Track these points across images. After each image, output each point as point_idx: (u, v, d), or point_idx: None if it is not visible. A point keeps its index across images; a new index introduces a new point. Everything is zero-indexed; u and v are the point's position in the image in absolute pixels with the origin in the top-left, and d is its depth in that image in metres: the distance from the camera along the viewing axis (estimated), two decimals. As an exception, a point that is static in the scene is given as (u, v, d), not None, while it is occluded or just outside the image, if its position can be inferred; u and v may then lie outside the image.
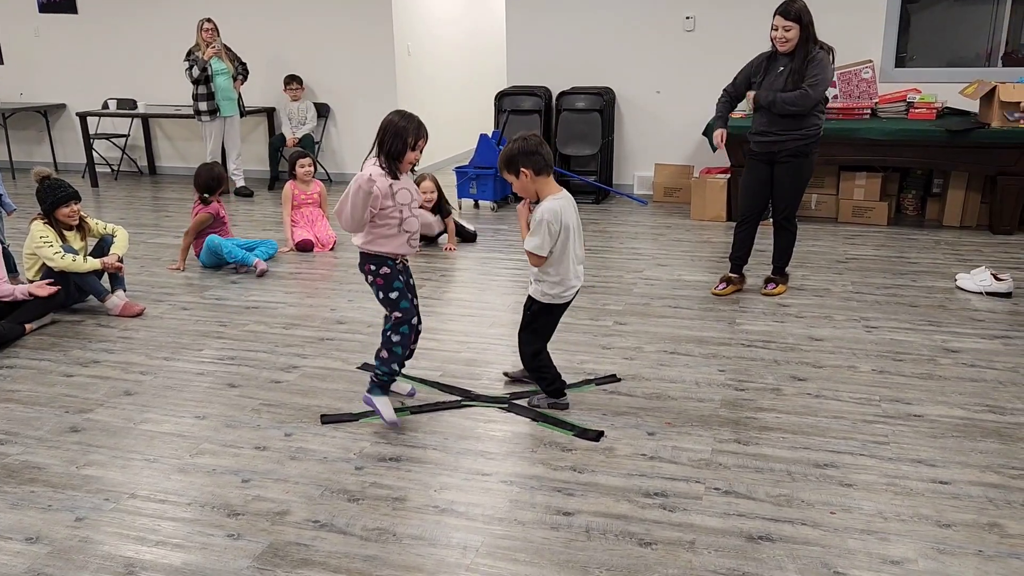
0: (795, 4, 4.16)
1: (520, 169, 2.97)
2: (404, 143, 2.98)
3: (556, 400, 3.27)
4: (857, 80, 6.46)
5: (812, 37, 4.20)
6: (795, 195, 4.49)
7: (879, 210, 6.34)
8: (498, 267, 5.39)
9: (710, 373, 3.62)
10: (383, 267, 3.10)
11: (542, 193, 3.02)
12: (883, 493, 2.66)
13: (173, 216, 7.00)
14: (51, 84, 9.15)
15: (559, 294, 3.11)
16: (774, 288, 4.67)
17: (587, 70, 7.41)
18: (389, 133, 2.99)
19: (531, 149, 2.96)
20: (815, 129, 4.35)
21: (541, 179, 2.99)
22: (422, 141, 3.02)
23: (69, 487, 2.76)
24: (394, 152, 2.99)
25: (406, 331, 3.15)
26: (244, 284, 5.03)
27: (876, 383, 3.50)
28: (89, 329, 4.29)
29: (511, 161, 2.99)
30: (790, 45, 4.21)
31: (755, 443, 2.99)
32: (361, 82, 8.12)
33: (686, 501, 2.62)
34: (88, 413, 3.31)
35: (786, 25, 4.16)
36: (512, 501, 2.64)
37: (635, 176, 7.60)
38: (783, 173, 4.42)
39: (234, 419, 3.25)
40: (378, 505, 2.63)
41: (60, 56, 9.00)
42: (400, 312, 3.13)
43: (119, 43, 8.75)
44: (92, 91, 8.88)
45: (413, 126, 3.00)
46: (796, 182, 4.44)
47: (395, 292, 3.12)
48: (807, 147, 4.37)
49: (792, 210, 4.54)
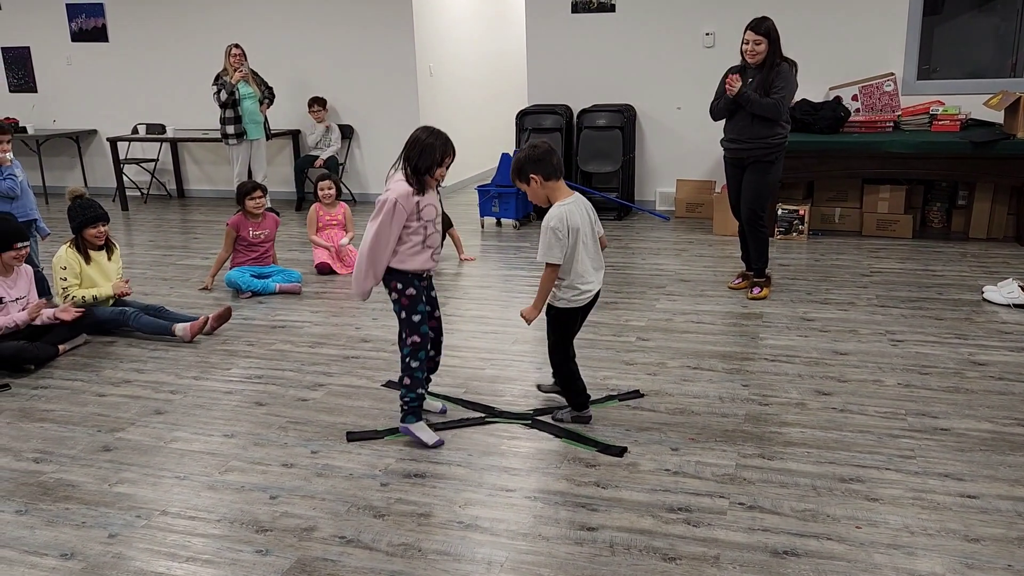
0: (765, 22, 4.57)
1: (530, 176, 3.05)
2: (432, 159, 3.02)
3: (579, 413, 3.30)
4: (879, 93, 6.44)
5: (778, 52, 4.59)
6: (756, 198, 4.77)
7: (904, 223, 6.30)
8: (520, 284, 5.42)
9: (734, 388, 3.62)
10: (409, 288, 3.13)
11: (553, 198, 3.09)
12: (910, 507, 2.64)
13: (201, 238, 7.12)
14: (83, 111, 9.37)
15: (573, 298, 3.13)
16: (759, 292, 4.88)
17: (608, 88, 7.46)
18: (417, 149, 3.02)
19: (538, 156, 3.05)
20: (779, 139, 4.68)
21: (551, 184, 3.07)
22: (449, 158, 3.06)
23: (102, 504, 2.82)
24: (422, 167, 3.02)
25: (423, 356, 3.18)
26: (270, 304, 5.10)
27: (902, 397, 3.48)
28: (120, 349, 4.38)
29: (520, 169, 3.08)
30: (759, 58, 4.59)
31: (780, 458, 2.98)
32: (384, 103, 8.22)
33: (710, 516, 2.62)
34: (120, 432, 3.38)
35: (756, 39, 4.55)
36: (536, 516, 2.66)
37: (657, 192, 7.61)
38: (748, 177, 4.78)
39: (262, 437, 3.29)
40: (403, 521, 2.65)
41: (91, 84, 9.21)
42: (419, 337, 3.15)
43: (148, 70, 8.95)
44: (122, 117, 9.08)
45: (441, 142, 3.04)
46: (758, 186, 4.74)
47: (417, 315, 3.15)
48: (771, 154, 4.70)
49: (755, 212, 4.81)
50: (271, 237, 5.59)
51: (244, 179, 7.62)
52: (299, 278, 5.47)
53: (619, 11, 7.30)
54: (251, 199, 5.45)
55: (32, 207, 5.09)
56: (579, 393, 3.29)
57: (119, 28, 8.95)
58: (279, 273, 5.48)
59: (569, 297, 3.13)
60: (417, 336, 3.15)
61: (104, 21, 8.95)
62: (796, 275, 5.35)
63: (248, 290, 5.24)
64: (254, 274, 5.37)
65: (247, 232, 5.44)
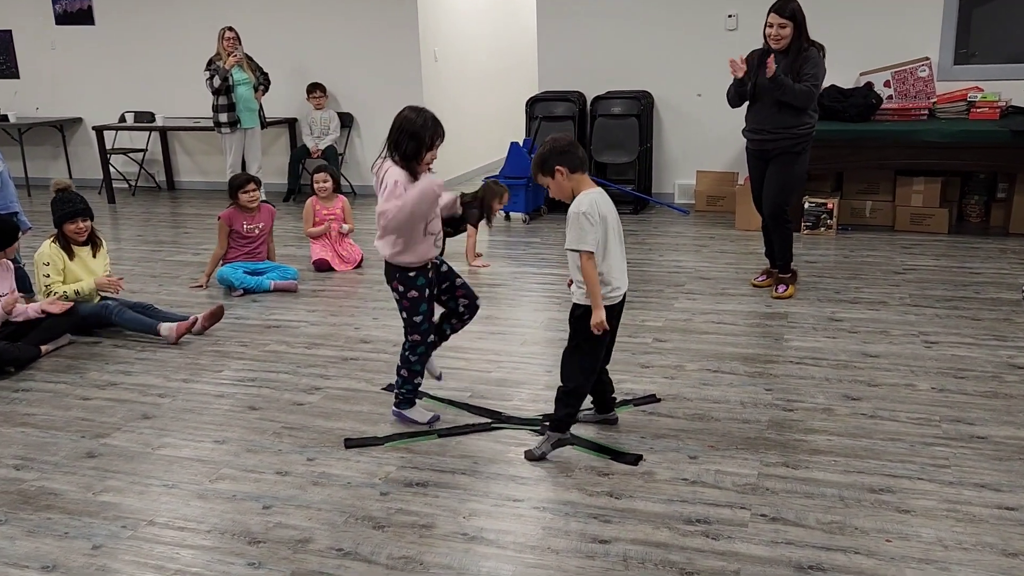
0: (790, 3, 4.48)
1: (555, 168, 3.00)
2: (420, 143, 3.01)
3: (560, 436, 3.11)
4: (913, 79, 6.41)
5: (804, 35, 4.52)
6: (781, 192, 4.74)
7: (939, 217, 6.27)
8: (530, 282, 5.42)
9: (756, 392, 3.61)
10: (412, 289, 3.15)
11: (578, 191, 3.04)
12: (943, 520, 2.63)
13: (192, 232, 7.15)
14: (67, 98, 9.40)
15: (606, 294, 3.03)
16: (784, 291, 4.85)
17: (623, 73, 7.44)
18: (405, 133, 3.02)
19: (563, 148, 3.01)
20: (806, 128, 4.63)
21: (576, 177, 3.03)
22: (439, 139, 3.06)
23: (86, 514, 2.83)
24: (410, 153, 3.02)
25: (423, 351, 3.25)
26: (265, 302, 5.11)
27: (936, 402, 3.46)
28: (106, 350, 4.40)
29: (544, 162, 3.02)
30: (784, 42, 4.52)
31: (805, 467, 2.97)
32: (386, 90, 8.22)
33: (731, 528, 2.62)
34: (105, 437, 3.39)
35: (781, 22, 4.48)
36: (545, 528, 2.66)
37: (676, 184, 7.60)
38: (772, 169, 4.73)
39: (255, 443, 3.30)
40: (404, 532, 2.66)
41: (76, 69, 9.25)
42: (419, 335, 3.22)
43: (137, 55, 8.98)
44: (109, 104, 9.11)
45: (429, 123, 3.03)
46: (784, 179, 4.71)
47: (419, 316, 3.20)
48: (799, 145, 4.64)
49: (779, 207, 4.77)
50: (266, 230, 5.59)
51: (237, 170, 7.65)
52: (295, 275, 5.47)
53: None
54: (245, 192, 5.44)
55: (13, 199, 5.13)
56: (574, 413, 3.13)
57: (106, 10, 8.98)
58: (274, 269, 5.48)
59: (603, 293, 3.02)
60: (418, 335, 3.22)
61: (90, 3, 8.98)
62: (824, 272, 5.33)
63: (241, 287, 5.26)
64: (247, 270, 5.37)
65: (240, 226, 5.45)
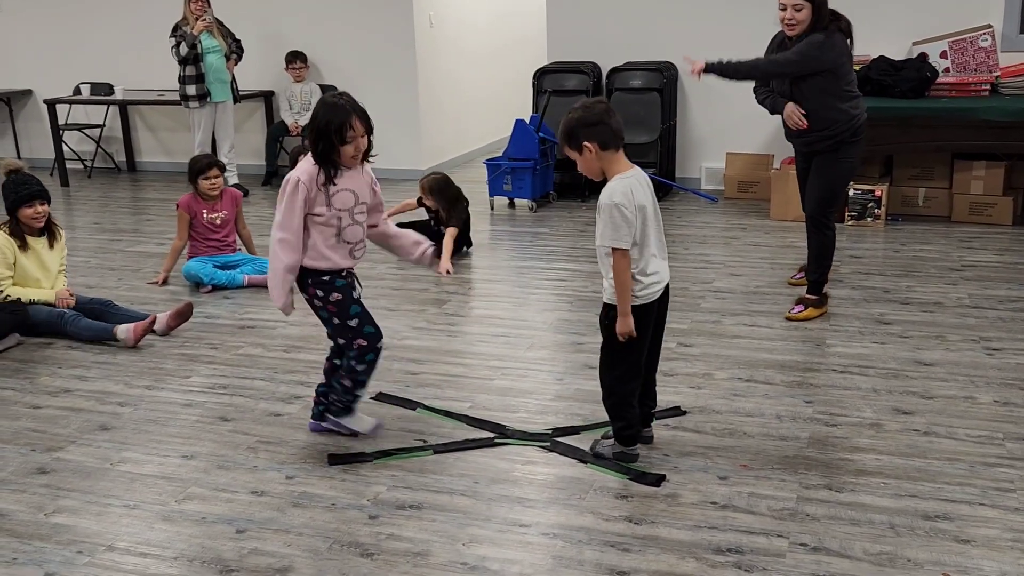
0: None
1: (583, 144, 2.93)
2: (330, 140, 2.98)
3: (625, 449, 3.18)
4: (973, 50, 6.40)
5: (822, 19, 4.25)
6: (821, 191, 4.54)
7: (1002, 206, 6.26)
8: (538, 278, 5.42)
9: (795, 405, 3.60)
10: (332, 292, 3.16)
11: (609, 172, 2.97)
12: (1008, 551, 2.62)
13: (155, 220, 7.16)
14: (15, 67, 9.40)
15: (639, 292, 2.99)
16: (800, 311, 4.54)
17: (644, 42, 7.42)
18: (315, 129, 3.00)
19: (595, 119, 2.92)
20: (842, 126, 4.39)
21: (608, 155, 2.94)
22: (352, 131, 2.98)
23: (36, 537, 2.83)
24: (324, 151, 3.01)
25: (372, 359, 3.21)
26: (238, 299, 5.12)
27: (999, 417, 3.45)
28: (59, 352, 4.40)
29: (572, 134, 2.95)
30: (800, 27, 4.28)
31: (850, 490, 2.97)
32: (374, 60, 8.22)
33: (766, 559, 2.61)
34: (58, 451, 3.39)
35: (796, 4, 4.23)
36: (555, 558, 2.66)
37: (703, 168, 7.59)
38: (814, 168, 4.59)
39: (227, 459, 3.30)
40: (396, 561, 2.65)
41: (26, 36, 9.25)
42: (364, 339, 3.19)
43: (94, 20, 8.96)
44: (62, 75, 9.10)
45: (340, 114, 2.98)
46: (824, 179, 4.53)
47: (354, 319, 3.18)
48: (837, 144, 4.43)
49: (819, 209, 4.57)
50: (230, 219, 5.54)
51: (207, 149, 7.66)
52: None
53: (658, -51, 7.28)
54: (205, 179, 5.37)
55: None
56: (629, 425, 3.15)
57: (59, -31, 8.99)
58: (248, 262, 5.46)
59: (636, 291, 2.99)
60: (362, 339, 3.19)
61: (41, -40, 9.00)
62: (871, 269, 5.33)
63: (210, 283, 5.25)
64: (218, 264, 5.36)
65: (200, 215, 5.41)
